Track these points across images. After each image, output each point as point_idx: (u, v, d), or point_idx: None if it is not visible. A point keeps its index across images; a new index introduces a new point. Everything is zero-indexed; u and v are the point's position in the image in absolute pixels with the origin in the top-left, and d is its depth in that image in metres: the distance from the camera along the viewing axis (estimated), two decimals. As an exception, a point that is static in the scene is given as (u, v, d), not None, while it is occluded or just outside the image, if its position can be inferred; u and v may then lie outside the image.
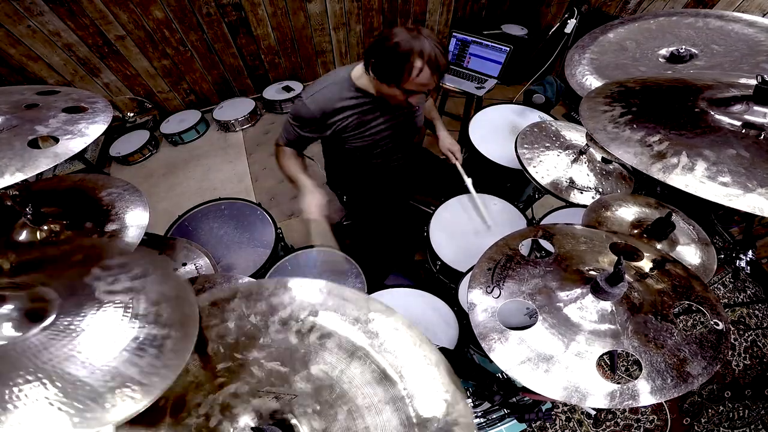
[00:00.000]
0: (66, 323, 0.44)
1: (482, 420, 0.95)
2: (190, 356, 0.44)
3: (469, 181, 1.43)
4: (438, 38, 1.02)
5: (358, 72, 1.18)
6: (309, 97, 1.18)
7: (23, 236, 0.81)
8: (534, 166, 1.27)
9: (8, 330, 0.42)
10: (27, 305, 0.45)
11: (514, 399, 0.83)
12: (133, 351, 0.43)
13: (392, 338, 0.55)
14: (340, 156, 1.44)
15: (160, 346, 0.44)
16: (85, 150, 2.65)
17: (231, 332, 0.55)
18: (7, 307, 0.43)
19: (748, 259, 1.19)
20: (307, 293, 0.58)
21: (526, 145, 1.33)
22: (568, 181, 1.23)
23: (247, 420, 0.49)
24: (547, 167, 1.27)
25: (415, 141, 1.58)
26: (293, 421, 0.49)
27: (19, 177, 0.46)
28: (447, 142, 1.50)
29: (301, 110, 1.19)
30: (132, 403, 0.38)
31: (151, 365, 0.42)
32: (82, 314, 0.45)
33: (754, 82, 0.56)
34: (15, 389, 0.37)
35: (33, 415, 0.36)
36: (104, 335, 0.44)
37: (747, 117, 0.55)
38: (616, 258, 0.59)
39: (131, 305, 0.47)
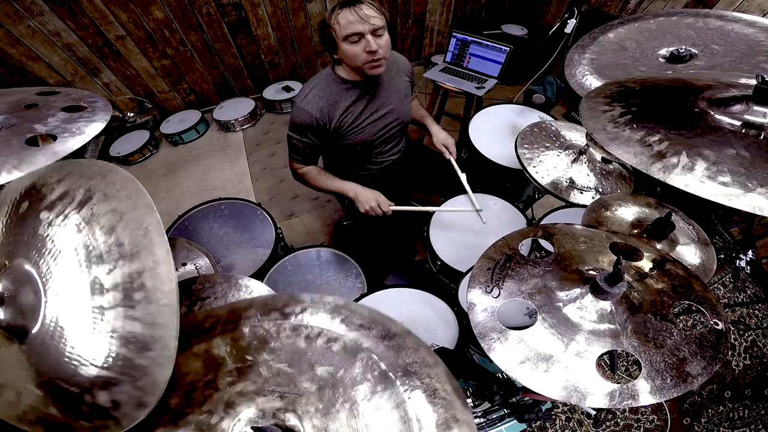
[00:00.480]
0: (56, 293, 0.43)
1: (482, 420, 0.95)
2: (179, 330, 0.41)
3: (463, 177, 1.43)
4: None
5: (338, 66, 1.22)
6: (303, 101, 1.19)
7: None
8: (534, 166, 1.27)
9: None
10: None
11: (514, 399, 0.83)
12: (123, 304, 0.41)
13: (393, 343, 0.56)
14: (340, 156, 1.44)
15: (142, 287, 0.41)
16: (85, 150, 2.66)
17: (244, 336, 0.57)
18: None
19: (748, 259, 1.19)
20: (317, 306, 0.61)
21: (526, 146, 1.33)
22: (568, 181, 1.23)
23: (249, 417, 0.50)
24: (547, 167, 1.27)
25: (414, 139, 1.58)
26: (294, 420, 0.49)
27: (16, 175, 0.46)
28: (441, 136, 1.50)
29: (300, 115, 1.20)
30: (162, 361, 0.39)
31: (148, 313, 0.40)
32: (61, 275, 0.43)
33: (754, 82, 0.56)
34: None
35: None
36: (90, 295, 0.42)
37: (747, 117, 0.55)
38: (616, 258, 0.59)
39: (91, 245, 0.43)
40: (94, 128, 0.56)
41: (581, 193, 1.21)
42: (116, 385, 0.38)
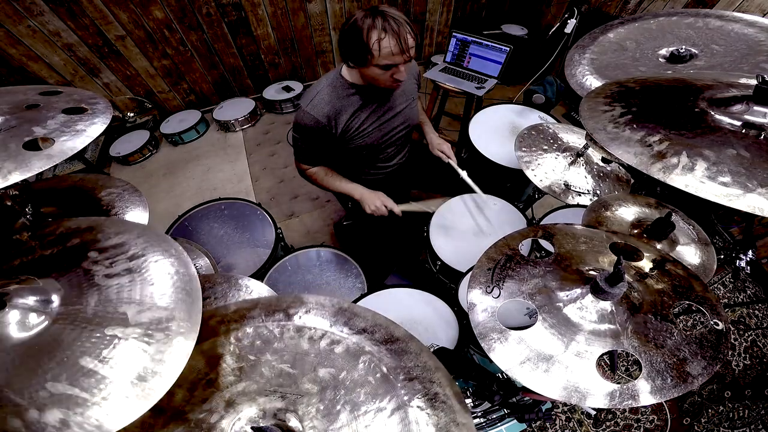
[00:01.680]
0: (73, 313, 0.45)
1: (482, 420, 0.95)
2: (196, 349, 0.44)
3: (464, 174, 1.43)
4: (399, 10, 1.03)
5: (346, 69, 1.19)
6: (308, 105, 1.17)
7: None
8: (532, 169, 1.27)
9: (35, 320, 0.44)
10: (33, 297, 0.46)
11: (514, 399, 0.83)
12: (140, 338, 0.43)
13: (396, 346, 0.56)
14: (345, 159, 1.44)
15: (165, 329, 0.44)
16: (85, 150, 2.66)
17: (248, 335, 0.57)
18: (32, 299, 0.45)
19: (748, 259, 1.19)
20: (321, 308, 0.61)
21: (524, 148, 1.33)
22: (565, 184, 1.24)
23: (249, 417, 0.50)
24: (545, 170, 1.27)
25: (415, 138, 1.58)
26: (295, 421, 0.49)
27: (12, 179, 0.46)
28: (436, 143, 1.51)
29: (305, 119, 1.18)
30: (145, 400, 0.39)
31: (159, 351, 0.42)
32: (84, 302, 0.46)
33: (754, 82, 0.56)
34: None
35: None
36: (108, 325, 0.44)
37: (747, 117, 0.55)
38: (616, 258, 0.59)
39: (130, 288, 0.47)
40: (91, 132, 0.56)
41: (579, 195, 1.22)
42: (81, 406, 0.38)
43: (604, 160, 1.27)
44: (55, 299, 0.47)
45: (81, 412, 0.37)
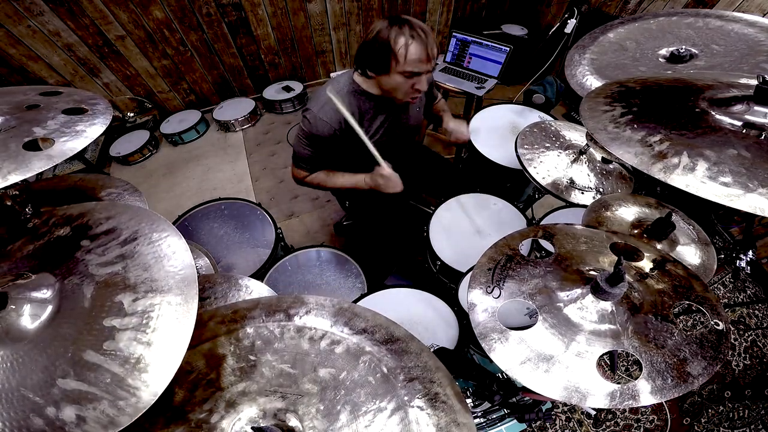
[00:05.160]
0: (71, 307, 0.45)
1: (482, 420, 0.95)
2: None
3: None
4: (419, 20, 1.02)
5: (357, 76, 1.17)
6: (321, 111, 1.14)
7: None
8: (534, 167, 1.26)
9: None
10: (32, 294, 0.45)
11: (514, 399, 0.83)
12: (137, 328, 0.42)
13: (396, 346, 0.56)
14: (343, 162, 1.43)
15: (160, 317, 0.43)
16: (85, 150, 2.66)
17: (249, 336, 0.57)
18: (31, 296, 0.45)
19: (748, 259, 1.19)
20: (321, 309, 0.61)
21: (526, 146, 1.33)
22: (569, 181, 1.23)
23: (250, 417, 0.50)
24: (548, 167, 1.27)
25: (416, 139, 1.58)
26: (295, 421, 0.49)
27: (12, 179, 0.46)
28: (455, 136, 1.45)
29: (318, 126, 1.15)
30: (155, 384, 0.39)
31: (156, 340, 0.42)
32: (81, 295, 0.46)
33: (754, 82, 0.56)
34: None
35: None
36: (105, 316, 0.44)
37: (747, 117, 0.55)
38: (616, 258, 0.59)
39: (125, 275, 0.47)
40: (92, 133, 0.56)
41: (582, 193, 1.21)
42: (92, 401, 0.38)
43: (604, 160, 1.27)
44: (53, 294, 0.46)
45: (93, 407, 0.37)
